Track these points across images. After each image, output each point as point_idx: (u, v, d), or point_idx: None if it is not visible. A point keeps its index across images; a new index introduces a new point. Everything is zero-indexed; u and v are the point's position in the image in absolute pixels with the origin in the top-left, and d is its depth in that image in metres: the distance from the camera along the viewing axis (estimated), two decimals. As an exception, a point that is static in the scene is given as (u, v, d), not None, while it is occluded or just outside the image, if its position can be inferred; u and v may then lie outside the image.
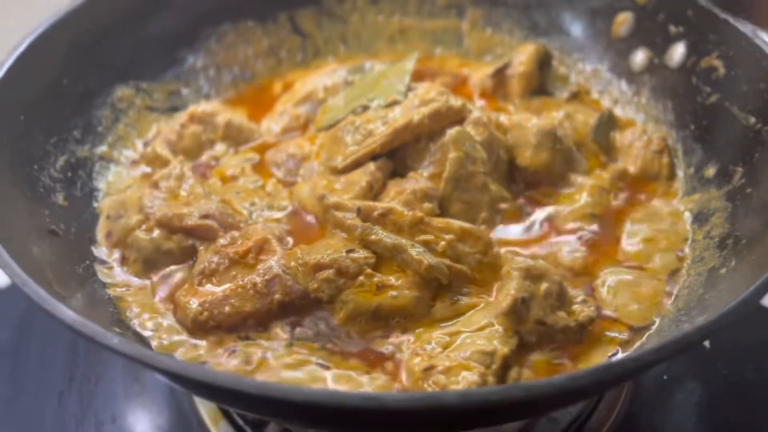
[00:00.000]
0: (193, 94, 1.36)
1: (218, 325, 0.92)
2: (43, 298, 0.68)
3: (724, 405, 1.07)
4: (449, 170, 1.07)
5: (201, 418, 1.06)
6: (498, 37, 1.47)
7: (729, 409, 1.07)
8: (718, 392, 1.08)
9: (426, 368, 0.84)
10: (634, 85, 1.31)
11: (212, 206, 1.04)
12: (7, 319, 1.24)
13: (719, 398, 1.08)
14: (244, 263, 0.95)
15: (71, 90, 1.17)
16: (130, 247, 1.02)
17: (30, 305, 1.20)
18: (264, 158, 1.22)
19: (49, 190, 1.04)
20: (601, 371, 0.62)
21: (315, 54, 1.47)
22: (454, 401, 0.58)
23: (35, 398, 1.12)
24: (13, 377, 1.15)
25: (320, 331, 0.91)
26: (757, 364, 1.11)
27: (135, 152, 1.23)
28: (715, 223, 1.03)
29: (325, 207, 1.03)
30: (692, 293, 0.95)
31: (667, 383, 1.08)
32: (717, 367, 1.10)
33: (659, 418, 1.06)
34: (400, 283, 0.94)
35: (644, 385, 1.07)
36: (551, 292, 0.90)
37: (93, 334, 0.63)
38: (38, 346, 1.19)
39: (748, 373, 1.10)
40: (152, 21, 1.32)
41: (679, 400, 1.08)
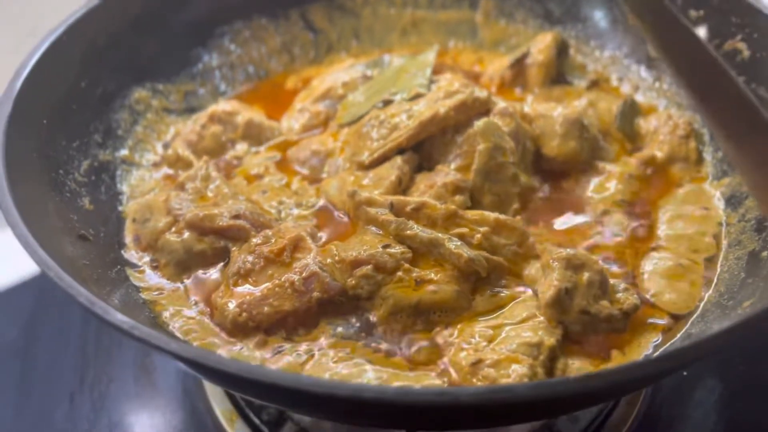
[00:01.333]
0: (209, 94, 1.35)
1: (258, 326, 0.90)
2: (93, 302, 0.67)
3: (744, 402, 1.06)
4: (479, 162, 1.06)
5: (216, 418, 1.05)
6: (512, 28, 1.46)
7: (748, 407, 1.06)
8: (737, 390, 1.07)
9: (474, 362, 0.83)
10: (654, 70, 1.30)
11: (242, 206, 1.02)
12: (14, 320, 1.23)
13: (738, 396, 1.07)
14: (279, 262, 0.94)
15: (90, 93, 1.15)
16: (160, 250, 1.00)
17: (37, 305, 1.22)
18: (286, 156, 1.20)
19: (76, 194, 1.02)
20: (675, 356, 0.60)
21: (328, 50, 1.46)
22: (527, 393, 0.57)
23: (46, 399, 1.11)
24: (23, 378, 1.14)
25: (362, 329, 0.90)
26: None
27: (155, 155, 1.21)
28: (749, 206, 1.03)
29: (357, 203, 1.02)
30: (733, 277, 0.94)
31: (686, 380, 1.07)
32: (735, 364, 1.09)
33: (679, 415, 1.04)
34: (439, 278, 0.93)
35: (664, 383, 1.07)
36: (594, 282, 0.89)
37: (157, 342, 0.62)
38: (47, 347, 1.19)
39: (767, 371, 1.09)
40: (165, 21, 1.30)
41: (699, 397, 1.07)
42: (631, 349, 0.88)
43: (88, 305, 0.67)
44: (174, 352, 0.61)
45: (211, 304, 0.94)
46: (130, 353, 1.16)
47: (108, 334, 1.19)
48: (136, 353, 1.16)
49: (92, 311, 0.66)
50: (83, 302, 0.67)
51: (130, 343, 1.16)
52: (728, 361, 1.10)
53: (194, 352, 0.64)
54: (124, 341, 1.17)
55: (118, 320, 0.64)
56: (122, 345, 1.17)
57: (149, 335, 0.62)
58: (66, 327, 1.20)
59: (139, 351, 1.16)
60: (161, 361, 1.14)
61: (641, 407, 1.04)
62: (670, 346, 0.87)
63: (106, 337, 1.18)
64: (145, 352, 1.15)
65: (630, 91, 1.31)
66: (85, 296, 0.67)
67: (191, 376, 1.11)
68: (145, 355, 1.16)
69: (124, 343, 1.17)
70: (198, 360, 0.61)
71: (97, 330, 1.19)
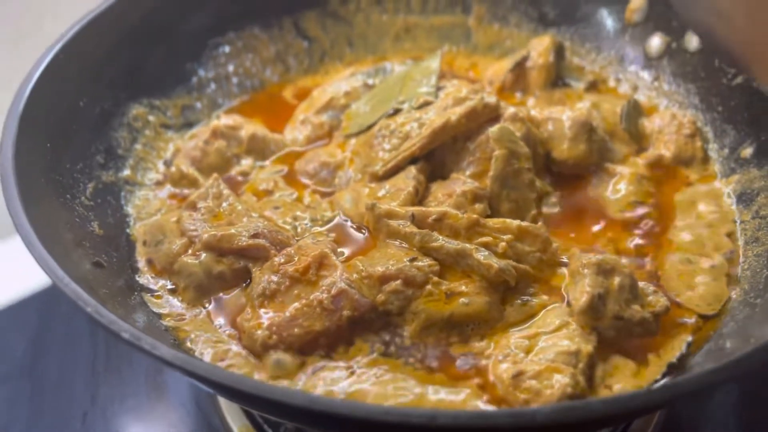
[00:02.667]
0: (206, 107, 1.32)
1: (289, 348, 0.88)
2: (136, 336, 0.64)
3: (762, 403, 1.07)
4: (496, 168, 1.06)
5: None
6: (506, 31, 1.46)
7: (766, 409, 1.07)
8: (754, 391, 1.08)
9: (515, 375, 0.82)
10: (653, 70, 1.31)
11: (260, 224, 0.99)
12: (20, 336, 1.19)
13: (756, 397, 1.07)
14: (305, 281, 0.91)
15: (89, 112, 1.11)
16: (178, 274, 0.97)
17: (41, 321, 1.18)
18: (293, 169, 1.18)
19: (85, 219, 0.98)
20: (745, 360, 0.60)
21: (322, 58, 1.44)
22: (601, 408, 0.56)
23: (58, 418, 1.08)
24: (33, 397, 1.11)
25: (399, 346, 0.89)
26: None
27: (157, 173, 1.18)
28: (762, 202, 1.04)
29: (377, 216, 1.00)
30: (756, 275, 0.95)
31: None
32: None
33: (700, 418, 1.05)
34: (469, 289, 0.92)
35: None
36: (624, 286, 0.89)
37: (205, 372, 0.59)
38: (55, 364, 1.15)
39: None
40: (159, 35, 1.26)
41: (719, 399, 1.07)
42: (665, 352, 0.89)
43: (134, 341, 0.64)
44: (237, 387, 0.59)
45: (237, 328, 0.92)
46: (141, 370, 1.13)
47: (117, 352, 1.15)
48: (147, 371, 1.13)
49: (138, 346, 0.63)
50: (128, 338, 0.64)
51: (140, 361, 1.14)
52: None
53: (262, 387, 0.61)
54: (134, 359, 1.14)
55: (170, 356, 0.61)
56: (133, 362, 1.14)
57: (210, 372, 0.59)
58: (74, 343, 1.17)
59: (151, 368, 1.13)
60: (174, 379, 1.11)
61: (661, 414, 1.04)
62: (709, 346, 0.87)
63: (116, 354, 1.15)
64: (157, 369, 1.12)
65: (629, 92, 1.32)
66: (130, 332, 0.64)
67: (204, 393, 1.08)
68: (156, 372, 1.13)
69: (134, 361, 1.14)
70: (266, 395, 0.59)
71: (107, 347, 1.16)
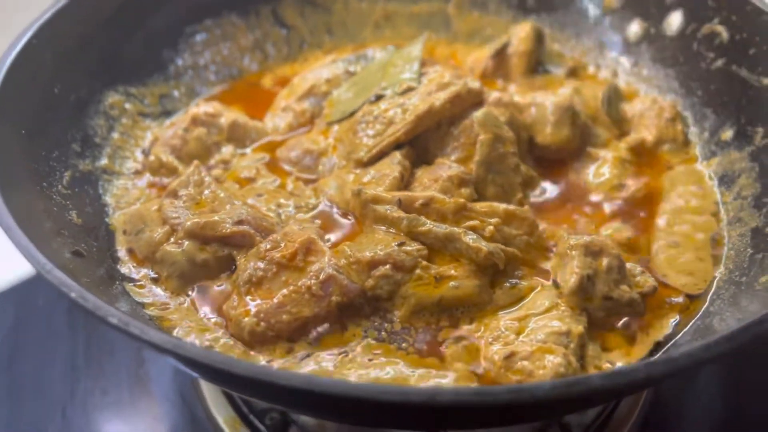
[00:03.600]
0: (184, 96, 1.29)
1: (278, 335, 0.86)
2: (124, 321, 0.62)
3: (746, 386, 1.08)
4: (481, 153, 1.05)
5: (218, 426, 1.01)
6: (486, 18, 1.45)
7: (750, 392, 1.07)
8: (738, 374, 1.09)
9: (507, 356, 0.82)
10: (632, 56, 1.32)
11: (243, 211, 0.98)
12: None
13: (740, 380, 1.08)
14: (293, 267, 0.90)
15: (64, 99, 1.08)
16: (160, 262, 0.95)
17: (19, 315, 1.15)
18: (275, 156, 1.16)
19: (62, 208, 0.96)
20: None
21: (301, 46, 1.42)
22: (600, 383, 0.56)
23: (38, 414, 1.05)
24: (11, 393, 1.08)
25: (389, 331, 0.88)
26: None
27: (135, 162, 1.15)
28: (743, 183, 1.06)
29: (363, 202, 0.99)
30: (740, 254, 0.96)
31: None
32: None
33: (684, 402, 1.05)
34: (458, 273, 0.91)
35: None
36: (613, 266, 0.90)
37: (216, 362, 0.57)
38: (34, 359, 1.12)
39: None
40: (135, 22, 1.24)
41: (703, 382, 1.08)
42: (653, 330, 0.89)
43: (122, 326, 0.62)
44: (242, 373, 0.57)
45: (224, 316, 0.90)
46: (123, 363, 1.10)
47: (97, 344, 1.13)
48: (129, 363, 1.10)
49: (127, 331, 0.61)
50: (116, 323, 0.62)
51: (122, 353, 1.11)
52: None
53: (265, 371, 0.59)
54: (115, 351, 1.11)
55: (161, 340, 0.60)
56: (114, 354, 1.11)
57: (206, 357, 0.58)
58: (52, 337, 1.13)
59: (133, 361, 1.10)
60: (156, 371, 1.09)
61: (648, 395, 1.05)
62: (695, 324, 0.88)
63: (96, 347, 1.12)
64: (139, 361, 1.10)
65: (609, 77, 1.32)
66: (118, 316, 0.62)
67: (188, 384, 1.06)
68: (138, 365, 1.10)
69: (116, 353, 1.11)
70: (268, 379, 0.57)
71: (87, 340, 1.13)
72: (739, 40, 1.15)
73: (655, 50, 1.29)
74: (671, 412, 1.04)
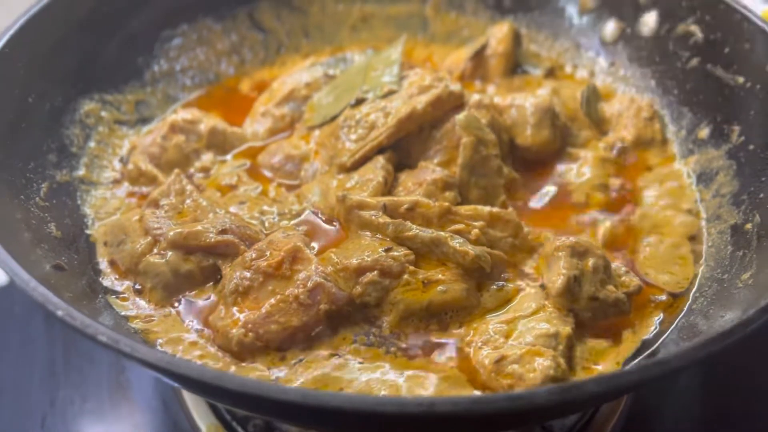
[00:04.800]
0: (161, 102, 1.27)
1: (266, 345, 0.86)
2: (115, 339, 0.60)
3: (724, 390, 1.08)
4: (464, 156, 1.05)
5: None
6: (463, 19, 1.45)
7: (730, 393, 1.07)
8: (717, 377, 1.09)
9: (497, 360, 0.82)
10: (608, 56, 1.33)
11: (227, 219, 0.97)
12: None
13: (719, 384, 1.08)
14: (279, 275, 0.89)
15: (38, 108, 1.06)
16: (144, 274, 0.93)
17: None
18: (257, 163, 1.15)
19: (41, 221, 0.94)
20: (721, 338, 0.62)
21: (278, 49, 1.41)
22: (596, 387, 0.57)
23: (16, 424, 1.03)
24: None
25: (378, 336, 0.87)
26: (760, 348, 1.09)
27: (113, 171, 1.13)
28: (721, 181, 1.07)
29: (348, 207, 0.98)
30: (721, 251, 0.98)
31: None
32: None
33: (664, 405, 1.06)
34: (446, 277, 0.91)
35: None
36: (598, 267, 0.90)
37: (198, 374, 0.56)
38: (11, 367, 1.10)
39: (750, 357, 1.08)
40: (107, 28, 1.21)
41: (682, 385, 1.08)
42: (640, 329, 0.90)
43: (111, 343, 0.61)
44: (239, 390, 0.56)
45: (211, 327, 0.89)
46: (103, 370, 1.08)
47: (77, 351, 1.10)
48: (110, 370, 1.08)
49: (117, 349, 0.60)
50: (107, 341, 0.61)
51: (101, 360, 1.09)
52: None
53: (270, 387, 0.58)
54: (95, 358, 1.09)
55: (154, 358, 0.58)
56: (94, 361, 1.09)
57: (201, 372, 0.57)
58: (30, 344, 1.11)
59: (113, 367, 1.08)
60: (138, 377, 1.07)
61: (629, 395, 1.05)
62: (680, 321, 0.89)
63: (75, 354, 1.10)
64: (120, 368, 1.08)
65: (587, 77, 1.33)
66: (107, 334, 0.61)
67: (170, 391, 1.04)
68: (119, 371, 1.08)
69: (96, 360, 1.09)
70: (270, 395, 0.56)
71: (65, 347, 1.11)
72: (714, 40, 1.16)
73: (632, 50, 1.30)
74: (652, 411, 1.05)
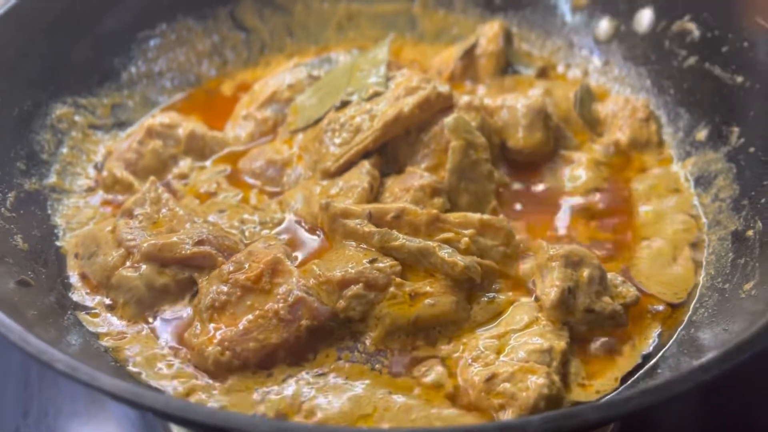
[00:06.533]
0: (139, 105, 1.22)
1: (244, 364, 0.81)
2: (72, 366, 0.55)
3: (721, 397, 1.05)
4: (453, 160, 1.01)
5: None
6: (452, 17, 1.41)
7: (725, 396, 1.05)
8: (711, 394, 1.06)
9: (488, 378, 0.78)
10: (602, 54, 1.29)
11: (204, 230, 0.92)
12: None
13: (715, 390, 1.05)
14: (258, 289, 0.85)
15: (5, 113, 1.01)
16: (116, 288, 0.88)
17: None
18: (237, 168, 1.10)
19: (6, 233, 0.89)
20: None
21: (261, 50, 1.36)
22: (595, 416, 0.52)
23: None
24: None
25: (363, 352, 0.83)
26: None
27: (87, 178, 1.08)
28: (721, 185, 1.03)
29: (332, 216, 0.94)
30: (721, 259, 0.94)
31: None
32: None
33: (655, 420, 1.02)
34: (434, 289, 0.86)
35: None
36: (594, 277, 0.86)
37: (164, 406, 0.51)
38: None
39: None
40: (79, 28, 1.16)
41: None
42: (638, 342, 0.86)
43: (69, 372, 0.56)
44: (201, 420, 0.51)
45: (186, 345, 0.84)
46: None
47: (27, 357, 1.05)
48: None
49: (75, 377, 0.55)
50: (63, 369, 0.56)
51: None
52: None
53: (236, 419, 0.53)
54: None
55: (113, 387, 0.54)
56: None
57: (168, 404, 0.52)
58: (3, 353, 1.05)
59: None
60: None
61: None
62: (680, 334, 0.85)
63: None
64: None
65: (580, 77, 1.29)
66: (64, 362, 0.56)
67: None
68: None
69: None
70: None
71: None
72: (711, 38, 1.12)
73: (626, 48, 1.26)
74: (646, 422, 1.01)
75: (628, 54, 1.25)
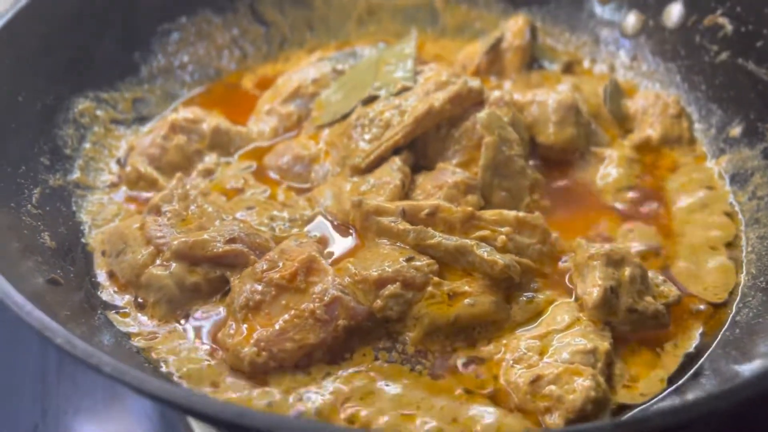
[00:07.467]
0: (159, 99, 1.20)
1: (281, 365, 0.79)
2: (123, 371, 0.53)
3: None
4: (486, 156, 0.99)
5: None
6: (474, 12, 1.39)
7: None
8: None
9: (533, 380, 0.76)
10: (630, 49, 1.27)
11: (235, 227, 0.90)
12: None
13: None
14: (294, 288, 0.82)
15: (29, 108, 0.99)
16: (146, 287, 0.86)
17: None
18: (263, 164, 1.08)
19: (33, 230, 0.87)
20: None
21: (281, 44, 1.34)
22: (660, 421, 0.51)
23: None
24: None
25: (401, 352, 0.81)
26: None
27: (110, 174, 1.06)
28: (758, 182, 1.01)
29: (365, 213, 0.92)
30: (762, 258, 0.92)
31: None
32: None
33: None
34: (473, 289, 0.84)
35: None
36: (635, 276, 0.84)
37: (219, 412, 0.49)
38: (1, 375, 1.03)
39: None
40: (100, 22, 1.14)
41: None
42: (681, 342, 0.84)
43: (117, 375, 0.54)
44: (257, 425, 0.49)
45: (219, 345, 0.82)
46: (98, 379, 1.01)
47: (71, 360, 1.02)
48: (105, 379, 1.01)
49: (123, 380, 0.53)
50: (110, 372, 0.54)
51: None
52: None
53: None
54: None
55: (159, 390, 0.52)
56: (88, 370, 1.01)
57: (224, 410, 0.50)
58: (21, 351, 1.04)
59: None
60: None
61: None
62: (724, 335, 0.83)
63: (69, 361, 1.02)
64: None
65: (607, 72, 1.27)
66: (112, 365, 0.54)
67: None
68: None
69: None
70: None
71: (59, 356, 1.03)
72: (745, 33, 1.10)
73: (655, 43, 1.24)
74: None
75: (657, 49, 1.23)
